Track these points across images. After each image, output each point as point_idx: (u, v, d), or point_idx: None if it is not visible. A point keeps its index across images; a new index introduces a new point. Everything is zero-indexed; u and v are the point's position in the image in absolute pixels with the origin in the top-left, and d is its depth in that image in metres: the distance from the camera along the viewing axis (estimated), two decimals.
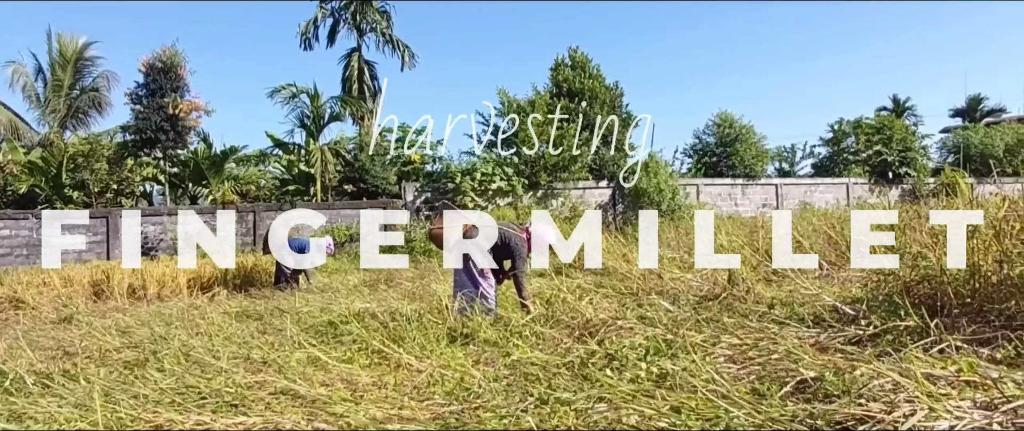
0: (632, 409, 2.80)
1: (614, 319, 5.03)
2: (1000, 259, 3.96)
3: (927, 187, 21.36)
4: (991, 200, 4.63)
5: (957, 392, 2.57)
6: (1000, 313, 3.79)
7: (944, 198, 11.97)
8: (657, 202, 18.27)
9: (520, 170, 18.19)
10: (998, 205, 4.18)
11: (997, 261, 3.99)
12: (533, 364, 4.13)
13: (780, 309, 5.05)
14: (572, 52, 21.40)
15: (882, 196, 21.57)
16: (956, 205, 5.75)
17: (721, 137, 22.17)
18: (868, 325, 4.03)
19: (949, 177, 20.06)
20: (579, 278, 8.87)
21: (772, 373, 3.26)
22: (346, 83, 23.89)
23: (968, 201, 5.46)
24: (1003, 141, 24.00)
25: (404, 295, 8.73)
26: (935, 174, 22.73)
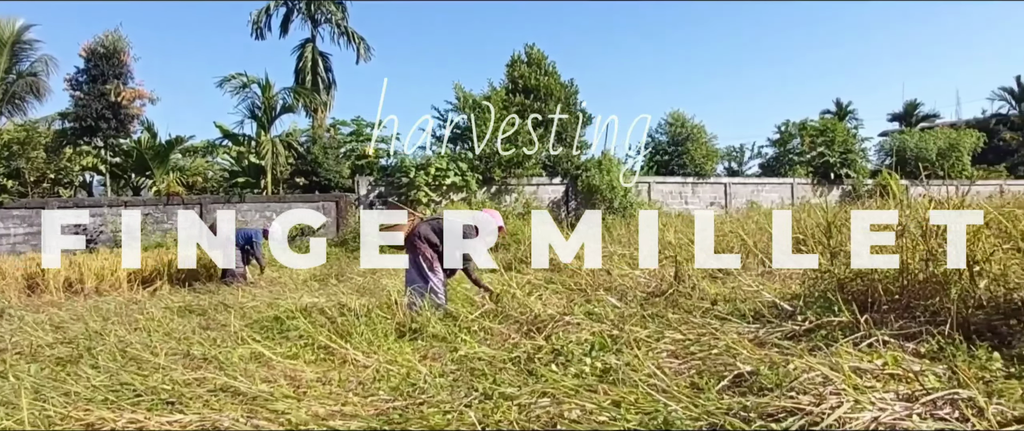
0: (574, 404, 2.84)
1: (562, 315, 5.08)
2: (926, 258, 4.15)
3: (865, 188, 22.18)
4: (920, 202, 4.84)
5: (882, 385, 2.68)
6: (925, 309, 3.98)
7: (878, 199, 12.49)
8: (610, 199, 18.49)
9: (474, 166, 18.15)
10: (925, 206, 4.37)
11: (923, 260, 4.17)
12: (480, 359, 4.14)
13: (723, 305, 5.18)
14: (528, 49, 21.43)
15: (824, 196, 22.33)
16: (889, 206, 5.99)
17: (673, 136, 22.55)
18: (804, 320, 4.18)
19: (885, 179, 20.88)
20: (530, 274, 8.93)
21: (711, 367, 3.35)
22: (299, 74, 23.39)
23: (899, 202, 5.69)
24: (936, 145, 25.14)
25: (354, 290, 8.64)
26: (873, 175, 23.62)
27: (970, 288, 3.87)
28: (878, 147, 28.50)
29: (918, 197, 6.99)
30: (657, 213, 16.73)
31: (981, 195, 20.50)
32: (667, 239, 7.78)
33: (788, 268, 6.74)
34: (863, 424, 2.30)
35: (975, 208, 4.66)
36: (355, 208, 17.45)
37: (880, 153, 27.81)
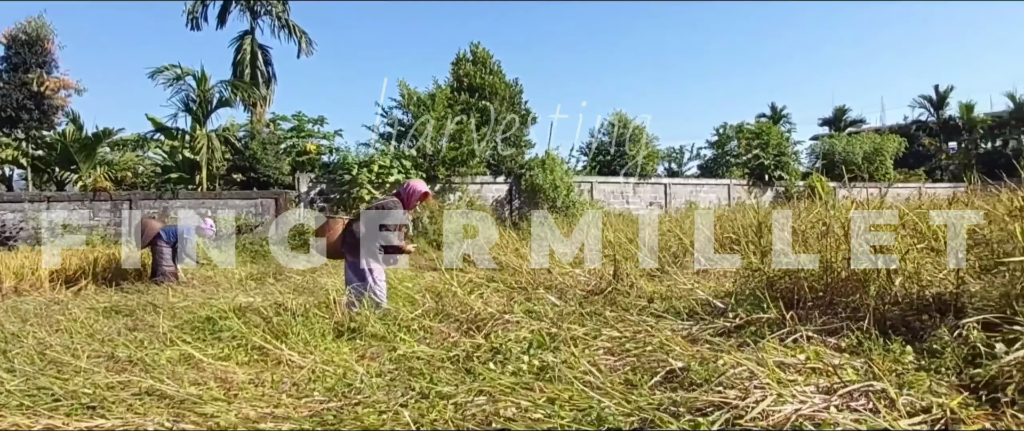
0: (510, 402, 2.86)
1: (502, 314, 5.10)
2: (848, 257, 4.36)
3: (797, 189, 23.07)
4: (843, 203, 5.07)
5: (804, 378, 2.80)
6: (847, 305, 4.17)
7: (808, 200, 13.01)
8: (553, 198, 18.64)
9: (418, 163, 17.99)
10: (848, 207, 4.58)
11: (846, 259, 4.38)
12: (419, 358, 4.12)
13: (659, 303, 5.30)
14: (474, 47, 21.40)
15: (758, 197, 23.10)
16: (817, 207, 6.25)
17: (616, 137, 22.93)
18: (735, 317, 4.32)
19: (815, 181, 21.78)
20: (472, 273, 8.92)
21: (645, 364, 3.43)
22: (237, 67, 22.64)
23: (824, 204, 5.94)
24: (862, 149, 26.41)
25: (292, 289, 8.44)
26: (805, 177, 24.59)
27: (887, 285, 4.08)
28: (809, 150, 29.77)
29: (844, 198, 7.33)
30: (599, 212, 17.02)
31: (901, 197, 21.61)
32: (608, 238, 7.90)
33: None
34: (785, 416, 2.40)
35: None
36: (295, 206, 17.05)
37: (811, 156, 29.01)
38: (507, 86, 21.14)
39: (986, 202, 6.29)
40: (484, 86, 20.52)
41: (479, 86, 20.51)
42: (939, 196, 15.67)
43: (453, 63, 21.26)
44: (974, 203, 6.92)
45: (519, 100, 21.59)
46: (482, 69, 20.88)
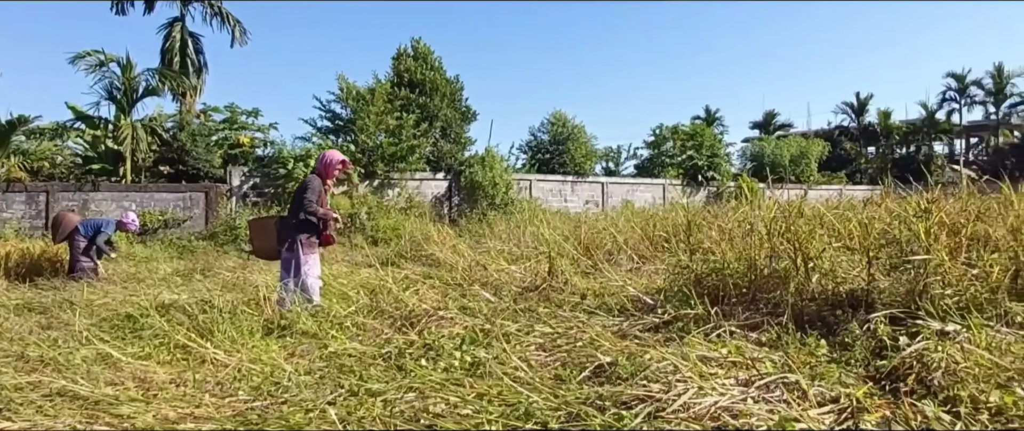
0: (440, 398, 2.86)
1: (436, 310, 5.08)
2: (770, 255, 4.54)
3: (728, 190, 23.86)
4: (768, 204, 5.28)
5: (724, 371, 2.91)
6: (768, 301, 4.35)
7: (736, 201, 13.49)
8: (492, 196, 18.68)
9: (357, 158, 17.69)
10: (771, 208, 4.78)
11: (768, 256, 4.56)
12: (350, 355, 4.06)
13: (592, 299, 5.40)
14: (415, 43, 21.20)
15: (691, 196, 23.77)
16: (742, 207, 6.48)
17: (554, 135, 23.15)
18: (664, 313, 4.44)
19: (745, 182, 22.56)
20: (408, 269, 8.85)
21: (575, 359, 3.49)
22: (166, 55, 21.69)
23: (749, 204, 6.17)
24: (789, 152, 27.59)
25: (221, 286, 8.17)
26: (735, 178, 25.46)
27: (805, 282, 4.27)
28: (741, 152, 30.89)
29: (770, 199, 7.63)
30: (537, 210, 17.16)
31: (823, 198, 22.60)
32: (544, 236, 7.97)
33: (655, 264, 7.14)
34: (705, 408, 2.49)
35: (813, 211, 5.16)
36: (227, 200, 16.49)
37: (742, 158, 30.09)
38: (448, 82, 21.06)
39: (897, 204, 6.68)
40: (425, 82, 20.38)
41: (420, 82, 20.36)
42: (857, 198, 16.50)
43: (394, 58, 21.04)
44: (886, 205, 7.34)
45: (460, 97, 21.55)
46: (423, 65, 20.73)
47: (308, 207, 5.76)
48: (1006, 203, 4.86)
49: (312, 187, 5.85)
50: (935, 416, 2.31)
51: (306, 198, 5.78)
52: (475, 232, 13.98)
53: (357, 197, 16.98)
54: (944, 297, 3.57)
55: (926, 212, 4.06)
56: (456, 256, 8.86)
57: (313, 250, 6.03)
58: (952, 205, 5.20)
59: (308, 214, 5.79)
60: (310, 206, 5.76)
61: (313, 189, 5.84)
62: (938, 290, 3.66)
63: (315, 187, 5.87)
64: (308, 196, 5.79)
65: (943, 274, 3.81)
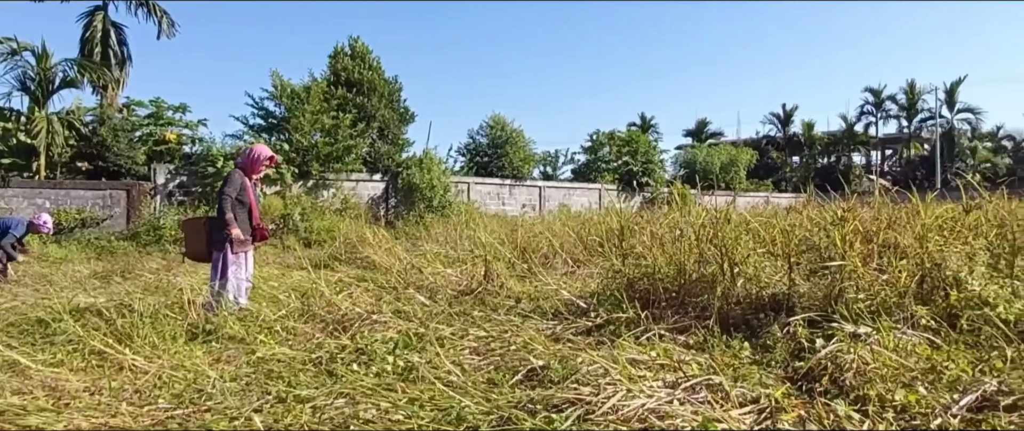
0: (370, 403, 2.82)
1: (370, 314, 5.01)
2: (698, 260, 4.69)
3: (662, 196, 24.49)
4: (697, 211, 5.44)
5: (652, 374, 2.98)
6: (696, 305, 4.49)
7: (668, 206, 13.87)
8: (429, 198, 18.55)
9: (290, 158, 17.24)
10: (700, 214, 4.93)
11: (697, 261, 4.71)
12: (279, 360, 3.96)
13: (527, 303, 5.44)
14: (352, 42, 20.85)
15: (627, 201, 24.27)
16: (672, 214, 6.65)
17: (493, 139, 23.20)
18: (596, 317, 4.52)
19: (678, 188, 23.22)
20: (342, 271, 8.70)
21: (508, 363, 3.51)
22: (86, 45, 20.56)
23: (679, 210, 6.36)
24: (719, 160, 28.60)
25: (142, 288, 7.81)
26: (669, 184, 26.15)
27: (731, 286, 4.43)
28: (674, 159, 31.79)
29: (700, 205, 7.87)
30: (474, 213, 17.16)
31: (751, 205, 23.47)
32: (481, 239, 7.98)
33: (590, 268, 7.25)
34: (633, 410, 2.54)
35: (740, 217, 5.35)
36: (150, 198, 15.78)
37: (676, 164, 30.97)
38: (386, 83, 20.81)
39: (818, 212, 7.01)
40: (362, 81, 20.08)
41: (357, 81, 20.04)
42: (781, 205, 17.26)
43: (330, 56, 20.65)
44: (808, 212, 7.69)
45: (398, 98, 21.32)
46: (361, 64, 20.42)
47: (223, 203, 5.58)
48: (914, 212, 5.16)
49: (231, 181, 5.68)
50: (846, 415, 2.44)
51: (225, 192, 5.60)
52: (412, 234, 13.86)
53: (291, 197, 16.56)
54: (857, 301, 3.76)
55: (841, 221, 4.27)
56: (392, 259, 8.75)
57: (245, 247, 5.85)
58: (866, 213, 5.49)
59: (219, 212, 5.61)
60: (223, 206, 5.57)
61: (233, 183, 5.66)
62: (852, 294, 3.86)
63: (235, 181, 5.69)
64: (226, 190, 5.61)
65: (857, 279, 4.03)
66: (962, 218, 4.96)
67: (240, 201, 5.79)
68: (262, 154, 5.95)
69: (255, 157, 5.91)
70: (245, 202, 5.84)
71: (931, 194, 5.14)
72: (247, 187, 5.85)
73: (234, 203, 5.71)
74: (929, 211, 4.68)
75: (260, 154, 5.95)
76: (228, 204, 5.63)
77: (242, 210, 5.82)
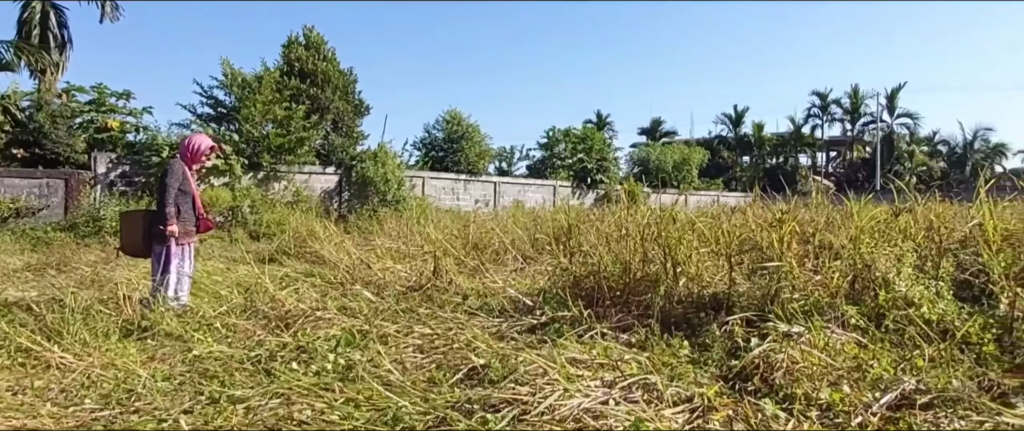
0: (306, 404, 2.78)
1: (314, 310, 4.93)
2: (643, 259, 4.76)
3: (616, 193, 24.80)
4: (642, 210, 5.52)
5: (591, 373, 3.02)
6: (640, 303, 4.56)
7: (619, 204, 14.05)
8: (384, 192, 18.36)
9: (240, 149, 16.79)
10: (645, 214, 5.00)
11: (641, 261, 4.78)
12: (216, 359, 3.86)
13: (475, 299, 5.43)
14: (307, 31, 20.42)
15: (581, 198, 24.50)
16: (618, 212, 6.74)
17: (449, 133, 23.09)
18: (542, 315, 4.55)
19: (631, 186, 23.55)
20: (291, 266, 8.54)
21: (450, 361, 3.50)
22: (23, 27, 19.65)
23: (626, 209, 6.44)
24: (672, 159, 29.14)
25: (78, 282, 7.51)
26: (623, 182, 26.50)
27: (673, 285, 4.51)
28: (628, 157, 32.21)
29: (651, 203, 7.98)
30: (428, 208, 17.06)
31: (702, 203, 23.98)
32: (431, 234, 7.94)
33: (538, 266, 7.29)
34: (569, 410, 2.57)
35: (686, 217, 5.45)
36: (90, 188, 15.18)
37: (630, 162, 31.39)
38: (341, 74, 20.49)
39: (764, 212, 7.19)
40: (317, 72, 19.72)
41: (311, 72, 19.67)
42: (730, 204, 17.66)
43: (284, 46, 20.18)
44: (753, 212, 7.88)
45: (353, 90, 21.02)
46: (315, 54, 20.04)
47: (166, 194, 5.43)
48: (849, 215, 5.35)
49: (173, 172, 5.53)
50: (772, 414, 2.51)
51: (167, 183, 5.45)
52: (365, 229, 13.68)
53: (240, 189, 16.15)
54: (792, 301, 3.88)
55: (779, 223, 4.40)
56: (341, 253, 8.62)
57: (190, 239, 5.71)
58: (805, 215, 5.66)
59: (159, 204, 5.45)
60: (164, 199, 5.43)
61: (174, 174, 5.51)
62: (787, 295, 3.98)
63: (176, 171, 5.54)
64: (168, 181, 5.45)
65: (793, 280, 4.15)
66: (893, 221, 5.16)
67: (183, 191, 5.65)
68: (202, 144, 5.81)
69: (195, 147, 5.77)
70: (188, 192, 5.70)
71: (866, 197, 5.33)
72: (189, 177, 5.71)
73: (177, 194, 5.57)
74: (862, 214, 4.84)
75: (200, 144, 5.80)
76: (171, 196, 5.48)
77: (185, 200, 5.68)
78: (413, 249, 8.81)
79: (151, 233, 5.55)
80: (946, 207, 6.47)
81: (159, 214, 5.46)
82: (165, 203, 5.42)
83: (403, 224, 12.65)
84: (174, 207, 5.45)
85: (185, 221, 5.67)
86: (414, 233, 10.10)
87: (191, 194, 5.74)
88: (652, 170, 28.06)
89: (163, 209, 5.45)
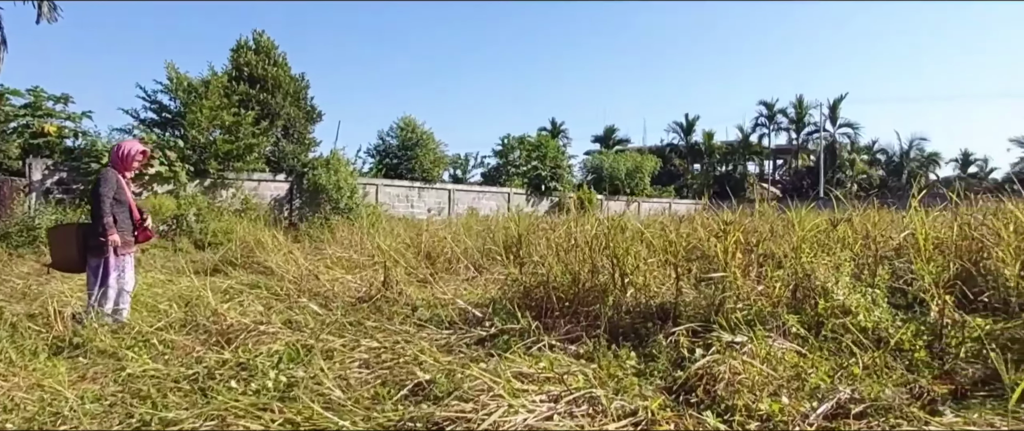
0: (243, 426, 2.69)
1: (258, 324, 4.79)
2: (592, 270, 4.78)
3: (570, 200, 25.00)
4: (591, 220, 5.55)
5: (537, 387, 3.00)
6: (588, 314, 4.57)
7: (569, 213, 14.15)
8: (336, 200, 18.07)
9: (186, 155, 16.29)
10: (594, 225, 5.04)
11: (590, 271, 4.80)
12: (152, 377, 3.71)
13: (426, 310, 5.37)
14: (257, 36, 20.00)
15: (535, 206, 24.60)
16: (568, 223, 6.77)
17: (404, 141, 22.91)
18: (491, 326, 4.52)
19: (584, 194, 23.80)
20: (236, 277, 8.30)
21: (397, 377, 3.44)
22: None
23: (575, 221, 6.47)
24: (625, 166, 29.54)
25: (7, 296, 7.15)
26: (577, 189, 26.73)
27: (621, 296, 4.54)
28: (582, 164, 32.56)
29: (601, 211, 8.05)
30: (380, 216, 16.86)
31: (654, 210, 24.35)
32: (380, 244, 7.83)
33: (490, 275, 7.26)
34: (514, 426, 2.55)
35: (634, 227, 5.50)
36: (24, 196, 14.50)
37: (584, 170, 31.74)
38: (292, 80, 20.14)
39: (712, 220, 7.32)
40: (267, 77, 19.33)
41: (261, 77, 19.28)
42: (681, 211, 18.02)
43: (233, 50, 19.73)
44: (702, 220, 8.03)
45: (305, 95, 20.68)
46: (265, 59, 19.66)
47: (101, 205, 5.22)
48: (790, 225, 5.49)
49: (106, 180, 5.32)
50: (714, 427, 2.54)
51: (101, 193, 5.24)
52: (316, 237, 13.44)
53: (185, 197, 15.66)
54: (736, 311, 3.95)
55: (724, 233, 4.48)
56: (289, 264, 8.43)
57: (128, 249, 5.50)
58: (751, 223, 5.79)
59: (97, 215, 5.25)
60: (103, 203, 5.22)
61: (108, 182, 5.31)
62: (731, 305, 4.05)
63: (110, 180, 5.34)
64: (103, 191, 5.25)
65: (737, 289, 4.23)
66: (831, 231, 5.32)
67: (118, 200, 5.44)
68: (132, 149, 5.61)
69: (125, 153, 5.56)
70: (123, 201, 5.49)
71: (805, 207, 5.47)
72: (123, 185, 5.50)
73: (113, 203, 5.36)
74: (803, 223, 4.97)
75: (130, 149, 5.60)
76: (106, 205, 5.27)
77: (121, 210, 5.47)
78: (364, 259, 8.68)
79: (87, 246, 5.32)
80: (883, 215, 6.72)
81: (95, 226, 5.24)
82: (102, 213, 5.21)
83: (355, 233, 12.45)
84: (111, 217, 5.24)
85: (122, 231, 5.46)
86: (366, 242, 9.96)
87: (127, 203, 5.53)
88: (606, 178, 28.41)
89: (100, 220, 5.23)
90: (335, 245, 11.19)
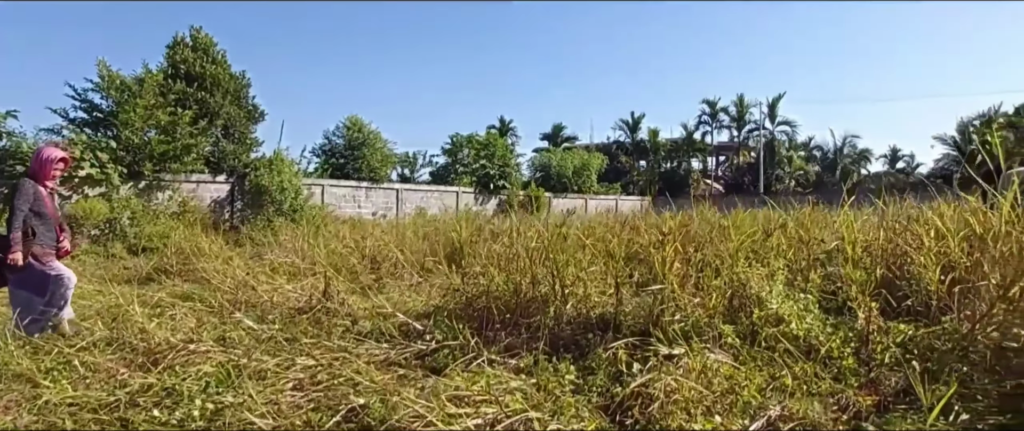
0: None
1: (187, 342, 4.60)
2: (532, 280, 4.77)
3: (518, 199, 25.05)
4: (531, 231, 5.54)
5: (473, 410, 2.96)
6: (529, 326, 4.56)
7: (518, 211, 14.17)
8: (280, 201, 17.59)
9: (118, 157, 15.60)
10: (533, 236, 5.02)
11: (531, 282, 4.79)
12: (70, 405, 3.52)
13: (367, 322, 5.26)
14: (194, 32, 19.27)
15: (484, 204, 24.56)
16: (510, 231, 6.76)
17: (350, 140, 22.52)
18: (432, 340, 4.46)
19: (533, 192, 23.89)
20: (170, 287, 7.98)
21: (331, 401, 3.34)
22: None
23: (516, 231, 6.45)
24: (573, 164, 29.80)
25: None
26: (525, 187, 26.80)
27: (562, 307, 4.54)
28: (530, 163, 32.70)
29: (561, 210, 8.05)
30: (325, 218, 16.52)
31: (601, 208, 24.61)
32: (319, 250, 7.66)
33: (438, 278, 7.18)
34: None
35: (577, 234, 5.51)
36: None
37: (532, 168, 31.87)
38: (232, 78, 19.51)
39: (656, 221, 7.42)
40: (205, 76, 18.67)
41: (199, 75, 18.60)
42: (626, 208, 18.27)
43: (169, 47, 18.95)
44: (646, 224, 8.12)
45: (246, 94, 20.08)
46: (203, 57, 18.96)
47: (14, 218, 4.97)
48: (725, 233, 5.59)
49: (23, 192, 5.05)
50: None
51: (16, 206, 4.97)
52: (258, 240, 13.05)
53: (118, 200, 15.00)
54: (673, 322, 3.99)
55: (662, 244, 4.52)
56: (225, 271, 8.15)
57: (49, 258, 5.23)
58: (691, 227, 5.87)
59: (8, 226, 4.98)
60: (15, 217, 4.96)
61: (24, 194, 5.04)
62: (669, 317, 4.09)
63: (27, 192, 5.07)
64: (17, 203, 4.97)
65: (675, 300, 4.27)
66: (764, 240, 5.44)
67: (37, 213, 5.16)
68: (52, 156, 5.33)
69: (44, 160, 5.29)
70: (43, 213, 5.21)
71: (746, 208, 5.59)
72: (42, 196, 5.22)
73: (30, 216, 5.08)
74: (739, 230, 5.07)
75: (49, 156, 5.32)
76: (19, 220, 4.99)
77: (41, 222, 5.19)
78: (306, 265, 8.47)
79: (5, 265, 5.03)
80: (817, 216, 6.90)
81: (5, 241, 4.96)
82: (12, 227, 4.92)
83: (299, 236, 12.15)
84: (20, 232, 4.95)
85: (42, 244, 5.18)
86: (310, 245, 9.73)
87: (48, 215, 5.25)
88: (554, 175, 28.58)
89: (12, 234, 4.95)
90: (278, 249, 10.89)
